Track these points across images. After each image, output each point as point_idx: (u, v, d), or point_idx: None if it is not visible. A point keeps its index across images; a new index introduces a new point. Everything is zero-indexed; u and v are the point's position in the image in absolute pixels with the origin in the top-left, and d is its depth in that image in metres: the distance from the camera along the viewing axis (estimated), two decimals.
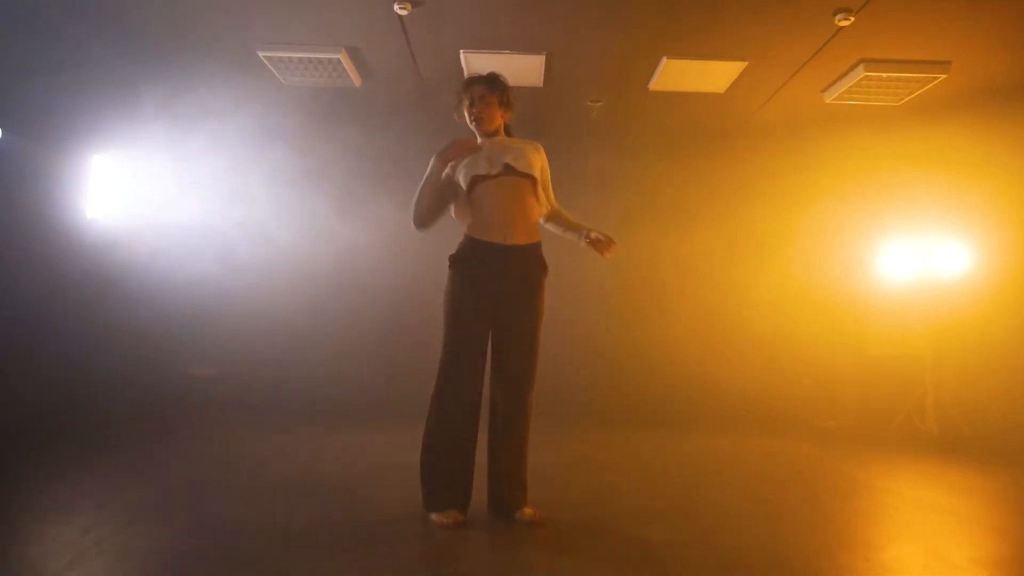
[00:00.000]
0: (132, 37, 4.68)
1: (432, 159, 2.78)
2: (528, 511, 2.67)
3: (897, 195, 6.11)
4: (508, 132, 2.97)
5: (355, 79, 5.26)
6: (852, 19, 4.23)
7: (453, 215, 2.92)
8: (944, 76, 4.91)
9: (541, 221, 2.94)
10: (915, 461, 4.38)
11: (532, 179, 2.78)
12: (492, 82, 2.87)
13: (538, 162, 2.85)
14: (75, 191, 5.09)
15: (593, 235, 2.77)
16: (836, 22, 4.28)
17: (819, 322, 6.42)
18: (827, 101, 5.47)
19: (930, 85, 5.06)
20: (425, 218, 2.81)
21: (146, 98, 4.94)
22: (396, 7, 4.25)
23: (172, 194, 5.62)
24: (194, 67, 5.10)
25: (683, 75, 5.17)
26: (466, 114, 2.88)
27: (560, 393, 4.93)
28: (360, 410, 5.75)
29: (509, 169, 2.72)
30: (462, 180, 2.77)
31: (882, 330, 6.17)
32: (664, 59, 4.92)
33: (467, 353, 2.69)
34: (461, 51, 4.87)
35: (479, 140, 2.89)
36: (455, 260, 2.76)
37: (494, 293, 2.70)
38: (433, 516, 2.60)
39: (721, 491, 3.35)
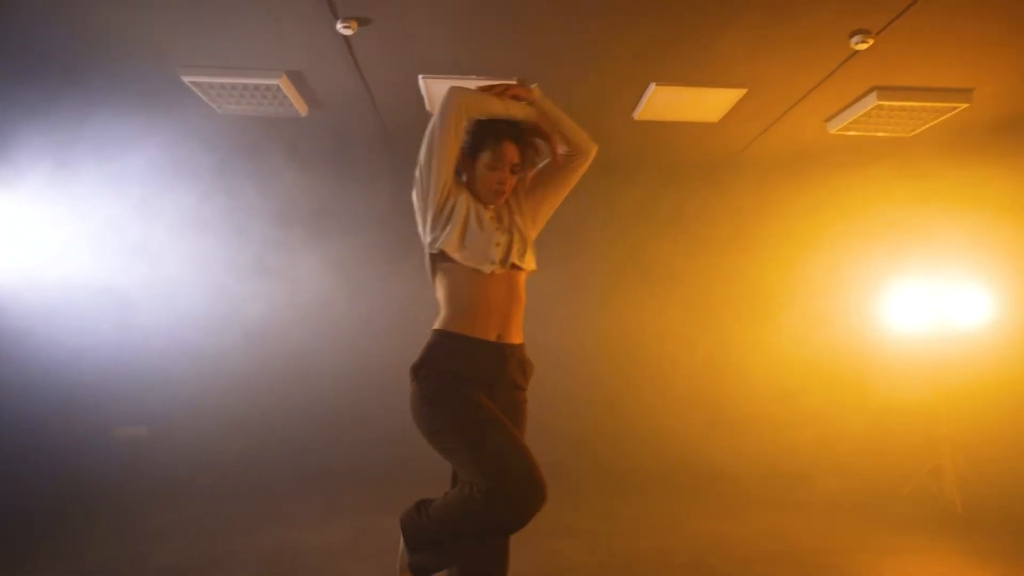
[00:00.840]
0: (18, 57, 3.98)
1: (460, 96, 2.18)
2: None
3: (908, 235, 5.54)
4: None
5: (300, 107, 4.59)
6: (871, 41, 3.65)
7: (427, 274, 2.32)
8: (966, 105, 4.36)
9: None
10: (947, 549, 3.76)
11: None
12: (525, 148, 2.36)
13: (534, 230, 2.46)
14: None
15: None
16: (852, 45, 3.70)
17: (822, 374, 5.83)
18: (831, 132, 4.91)
19: (949, 115, 4.51)
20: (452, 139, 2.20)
21: (35, 131, 4.22)
22: (339, 26, 3.60)
23: (63, 246, 4.82)
24: (100, 94, 4.38)
25: (673, 103, 4.57)
26: (488, 174, 2.29)
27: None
28: (289, 493, 4.95)
29: (516, 267, 2.25)
30: (444, 238, 2.19)
31: (891, 383, 5.58)
32: (652, 85, 4.32)
33: (508, 446, 2.04)
34: (420, 76, 4.24)
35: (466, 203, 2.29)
36: (430, 365, 2.15)
37: (481, 392, 2.16)
38: None
39: None
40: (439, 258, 2.22)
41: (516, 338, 2.26)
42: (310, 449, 5.40)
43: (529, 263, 2.30)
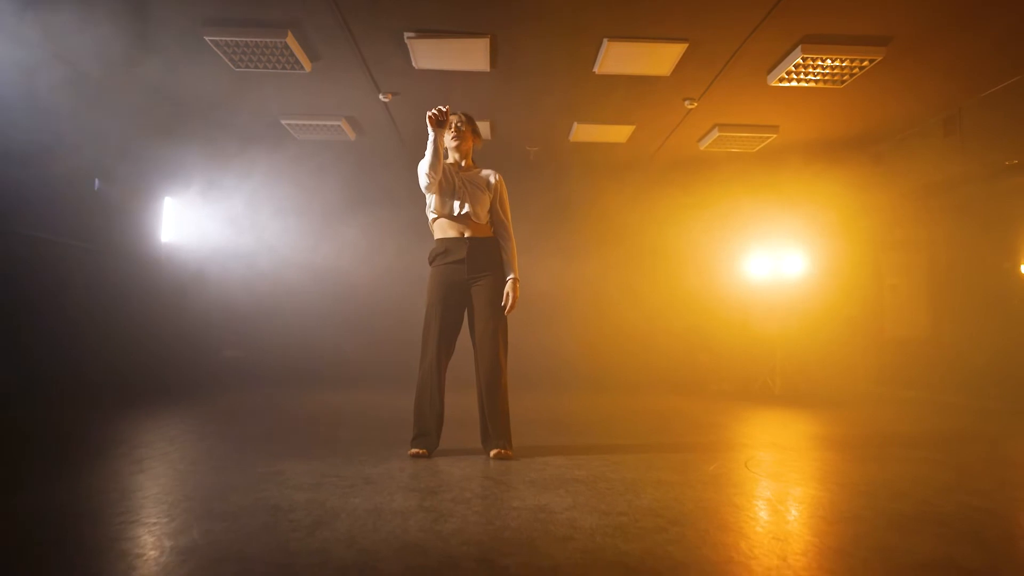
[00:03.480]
0: (197, 118, 6.60)
1: (432, 133, 3.38)
2: (493, 451, 3.32)
3: (755, 216, 8.09)
4: (473, 158, 3.72)
5: (350, 135, 7.15)
6: (696, 104, 6.17)
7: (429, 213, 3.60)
8: (775, 136, 6.88)
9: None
10: (764, 410, 6.06)
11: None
12: (468, 117, 3.71)
13: (488, 200, 3.53)
14: (153, 222, 6.99)
15: (506, 290, 3.50)
16: (686, 106, 6.22)
17: (709, 313, 8.38)
18: (701, 148, 7.42)
19: (767, 141, 7.03)
20: (433, 182, 3.41)
21: (193, 162, 6.86)
22: (380, 96, 6.15)
23: (209, 227, 7.57)
24: (229, 135, 7.06)
25: (593, 132, 7.09)
26: (448, 135, 3.59)
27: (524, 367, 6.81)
28: (352, 377, 7.68)
29: (468, 217, 3.49)
30: (433, 206, 3.52)
31: (748, 317, 8.15)
32: (575, 123, 6.85)
33: (430, 330, 3.47)
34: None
35: (451, 158, 3.64)
36: (432, 259, 3.55)
37: (459, 275, 3.44)
38: (410, 451, 3.36)
39: (613, 427, 5.23)
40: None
41: (478, 234, 3.47)
42: (347, 351, 8.14)
43: (478, 217, 3.46)
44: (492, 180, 3.59)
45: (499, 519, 2.16)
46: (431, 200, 3.54)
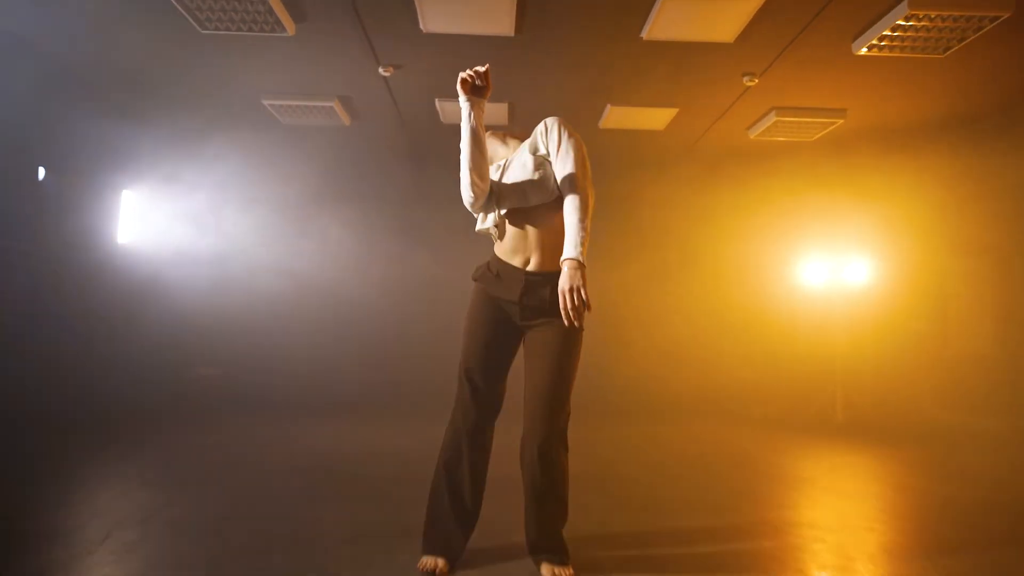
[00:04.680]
0: (158, 94, 5.55)
1: (466, 108, 2.50)
2: (545, 567, 2.35)
3: (812, 215, 7.06)
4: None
5: (345, 120, 6.11)
6: (756, 81, 5.15)
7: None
8: (842, 121, 5.85)
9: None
10: (840, 449, 5.11)
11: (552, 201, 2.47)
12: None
13: (537, 172, 2.48)
14: (108, 220, 5.93)
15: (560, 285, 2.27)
16: (744, 83, 5.20)
17: (752, 327, 7.36)
18: (751, 138, 6.39)
19: (832, 127, 6.00)
20: (480, 195, 2.49)
21: (163, 143, 5.81)
22: (380, 70, 5.12)
23: (167, 223, 6.58)
24: (203, 115, 6.01)
25: (626, 117, 6.07)
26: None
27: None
28: (340, 404, 6.52)
29: (525, 235, 2.46)
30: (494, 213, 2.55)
31: (802, 333, 7.11)
32: (608, 106, 5.82)
33: (462, 379, 2.47)
34: (436, 99, 5.74)
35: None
36: (477, 277, 2.54)
37: (510, 314, 2.47)
38: (421, 560, 2.39)
39: (681, 488, 4.25)
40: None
41: (548, 266, 2.41)
42: (334, 372, 7.09)
43: (537, 199, 2.45)
44: (537, 133, 2.53)
45: None
46: (479, 216, 2.59)
